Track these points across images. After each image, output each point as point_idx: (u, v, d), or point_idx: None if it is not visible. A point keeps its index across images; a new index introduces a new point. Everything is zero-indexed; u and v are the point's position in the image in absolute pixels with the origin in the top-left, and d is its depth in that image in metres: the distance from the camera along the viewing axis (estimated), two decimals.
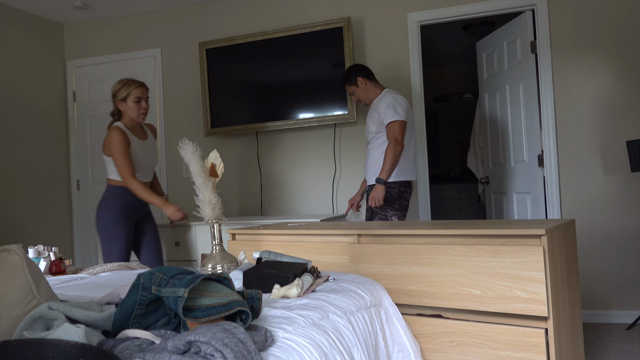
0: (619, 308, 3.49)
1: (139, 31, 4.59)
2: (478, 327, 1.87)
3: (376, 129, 3.30)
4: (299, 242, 2.34)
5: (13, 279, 1.20)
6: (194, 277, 1.24)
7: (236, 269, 2.06)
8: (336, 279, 1.91)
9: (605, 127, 3.51)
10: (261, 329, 1.28)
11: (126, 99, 3.03)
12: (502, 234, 1.87)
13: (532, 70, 3.69)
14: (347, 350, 1.44)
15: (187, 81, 4.42)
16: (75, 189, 4.74)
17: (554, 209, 3.59)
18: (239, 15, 4.28)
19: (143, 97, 3.05)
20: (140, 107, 3.04)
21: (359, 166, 3.97)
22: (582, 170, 3.55)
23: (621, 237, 3.47)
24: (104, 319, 1.22)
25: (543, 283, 1.72)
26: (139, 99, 3.03)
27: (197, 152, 2.17)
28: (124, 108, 3.05)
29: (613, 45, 3.48)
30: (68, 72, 4.75)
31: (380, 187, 3.18)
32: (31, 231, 4.31)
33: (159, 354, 1.05)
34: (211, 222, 2.16)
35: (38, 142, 4.46)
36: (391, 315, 1.83)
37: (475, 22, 5.00)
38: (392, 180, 3.23)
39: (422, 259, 1.96)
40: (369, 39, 3.96)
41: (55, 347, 0.95)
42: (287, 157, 4.18)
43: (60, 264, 2.47)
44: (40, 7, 4.33)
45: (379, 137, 3.29)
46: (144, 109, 3.06)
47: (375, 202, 3.18)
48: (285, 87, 4.02)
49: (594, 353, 2.90)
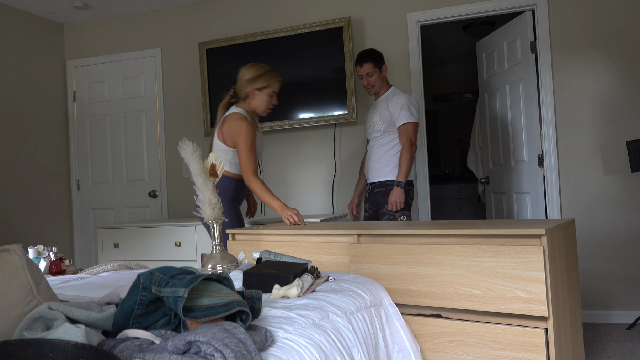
0: (619, 308, 3.49)
1: (139, 31, 4.59)
2: (478, 327, 1.87)
3: (385, 127, 3.27)
4: (299, 242, 2.34)
5: (13, 279, 1.20)
6: (194, 277, 1.24)
7: (236, 269, 2.06)
8: (336, 279, 1.91)
9: (605, 127, 3.51)
10: (261, 329, 1.28)
11: (263, 89, 2.86)
12: (502, 234, 1.86)
13: (532, 70, 3.69)
14: (347, 350, 1.44)
15: (187, 81, 4.42)
16: (75, 189, 4.74)
17: (554, 209, 3.59)
18: (239, 15, 4.28)
19: (277, 93, 2.93)
20: (272, 102, 2.92)
21: (358, 166, 3.97)
22: (582, 170, 3.55)
23: (621, 237, 3.47)
24: (104, 319, 1.22)
25: (543, 283, 1.72)
26: (274, 94, 2.91)
27: (197, 152, 2.17)
28: (255, 97, 2.87)
29: (613, 45, 3.48)
30: (68, 72, 4.75)
31: (400, 191, 3.15)
32: (31, 231, 4.31)
33: (159, 354, 1.05)
34: (211, 222, 2.16)
35: (38, 142, 4.46)
36: (391, 315, 1.83)
37: (475, 22, 5.01)
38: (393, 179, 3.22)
39: (422, 259, 1.96)
40: (369, 39, 3.96)
41: (55, 347, 0.95)
42: (287, 157, 4.18)
43: (60, 264, 2.47)
44: (40, 7, 4.33)
45: (387, 135, 3.26)
46: (273, 104, 2.93)
47: (397, 205, 3.15)
48: (285, 87, 4.00)
49: (594, 353, 2.90)
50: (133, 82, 4.60)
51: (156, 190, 4.52)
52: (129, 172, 4.62)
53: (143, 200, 4.57)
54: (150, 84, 4.55)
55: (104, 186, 4.69)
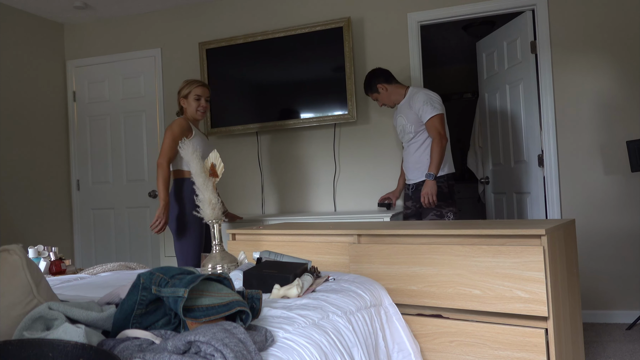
0: (619, 308, 3.49)
1: (139, 31, 4.59)
2: (478, 327, 1.87)
3: (415, 128, 3.29)
4: (299, 242, 2.34)
5: (13, 279, 1.20)
6: (194, 277, 1.24)
7: (236, 269, 2.06)
8: (336, 279, 1.91)
9: (605, 127, 3.51)
10: (261, 329, 1.28)
11: (187, 96, 3.23)
12: (502, 234, 1.86)
13: (532, 70, 3.69)
14: (347, 350, 1.44)
15: None
16: (75, 189, 4.74)
17: (554, 209, 3.59)
18: (239, 15, 4.28)
19: (203, 96, 3.25)
20: (200, 104, 3.24)
21: (359, 166, 3.97)
22: (582, 170, 3.55)
23: (621, 237, 3.47)
24: (104, 319, 1.22)
25: (543, 283, 1.72)
26: (199, 97, 3.23)
27: (197, 152, 2.17)
28: (186, 105, 3.25)
29: (613, 45, 3.48)
30: (68, 72, 4.75)
31: (432, 183, 3.15)
32: (31, 231, 4.31)
33: (159, 354, 1.05)
34: (211, 222, 2.16)
35: (38, 142, 4.46)
36: (391, 315, 1.83)
37: (475, 22, 5.01)
38: (439, 175, 3.21)
39: (422, 259, 1.96)
40: (369, 39, 3.96)
41: (55, 347, 0.95)
42: (288, 157, 4.18)
43: (60, 264, 2.47)
44: (40, 7, 4.33)
45: (419, 135, 3.29)
46: (202, 106, 3.25)
47: (429, 197, 3.14)
48: (285, 87, 4.02)
49: (594, 353, 2.90)
50: (133, 82, 4.60)
51: (156, 190, 4.52)
52: (129, 172, 4.62)
53: (143, 200, 4.57)
54: (150, 84, 4.55)
55: (104, 186, 4.69)
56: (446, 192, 3.23)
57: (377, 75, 3.41)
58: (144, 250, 4.52)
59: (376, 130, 3.94)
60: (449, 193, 3.24)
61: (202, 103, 3.24)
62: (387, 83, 3.38)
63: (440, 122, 3.20)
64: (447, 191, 3.23)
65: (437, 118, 3.20)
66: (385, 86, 3.37)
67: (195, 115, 3.24)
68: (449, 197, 3.24)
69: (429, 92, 3.29)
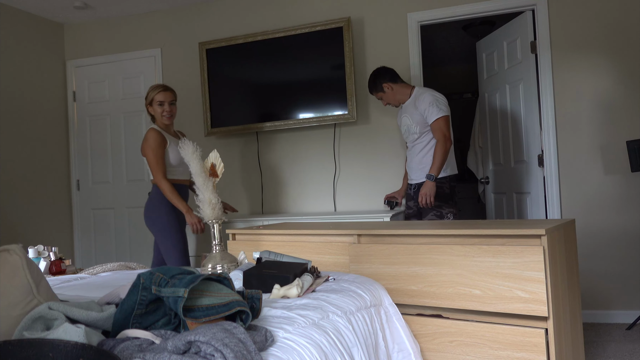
0: (619, 308, 3.49)
1: (139, 31, 4.59)
2: (478, 327, 1.87)
3: (420, 129, 3.29)
4: (299, 242, 2.34)
5: (13, 279, 1.20)
6: (194, 277, 1.24)
7: (236, 269, 2.06)
8: (336, 279, 1.91)
9: (605, 127, 3.51)
10: (261, 329, 1.28)
11: (152, 103, 3.28)
12: (502, 234, 1.86)
13: (532, 70, 3.69)
14: (347, 350, 1.44)
15: (187, 81, 4.41)
16: (75, 189, 4.74)
17: (554, 209, 3.59)
18: (239, 15, 4.28)
19: (166, 101, 3.26)
20: (164, 109, 3.26)
21: (359, 166, 3.97)
22: (582, 170, 3.55)
23: (621, 237, 3.47)
24: (104, 319, 1.22)
25: (543, 283, 1.72)
26: (162, 102, 3.25)
27: (197, 152, 2.17)
28: (152, 112, 3.30)
29: (613, 45, 3.48)
30: (68, 72, 4.75)
31: (431, 184, 3.15)
32: (31, 231, 4.31)
33: (159, 354, 1.05)
34: (211, 222, 2.16)
35: (38, 142, 4.46)
36: (391, 315, 1.83)
37: (475, 22, 5.00)
38: (441, 176, 3.21)
39: (422, 259, 1.96)
40: (369, 39, 3.96)
41: (55, 347, 0.95)
42: (288, 157, 4.18)
43: (60, 264, 2.47)
44: (40, 7, 4.33)
45: (424, 135, 3.29)
46: (166, 111, 3.26)
47: (426, 198, 3.14)
48: (285, 87, 4.02)
49: (594, 353, 2.90)
50: (133, 82, 4.60)
51: None
52: (129, 172, 4.62)
53: (143, 200, 4.54)
54: (150, 84, 4.53)
55: (104, 186, 4.69)
56: (448, 193, 3.23)
57: (382, 74, 3.39)
58: (144, 250, 4.52)
59: (376, 130, 3.94)
60: (450, 194, 3.24)
61: (165, 108, 3.26)
62: (392, 82, 3.37)
63: (446, 124, 3.20)
64: (448, 192, 3.23)
65: (442, 120, 3.19)
66: (391, 85, 3.36)
67: (166, 120, 3.27)
68: (450, 198, 3.24)
69: (435, 93, 3.28)
